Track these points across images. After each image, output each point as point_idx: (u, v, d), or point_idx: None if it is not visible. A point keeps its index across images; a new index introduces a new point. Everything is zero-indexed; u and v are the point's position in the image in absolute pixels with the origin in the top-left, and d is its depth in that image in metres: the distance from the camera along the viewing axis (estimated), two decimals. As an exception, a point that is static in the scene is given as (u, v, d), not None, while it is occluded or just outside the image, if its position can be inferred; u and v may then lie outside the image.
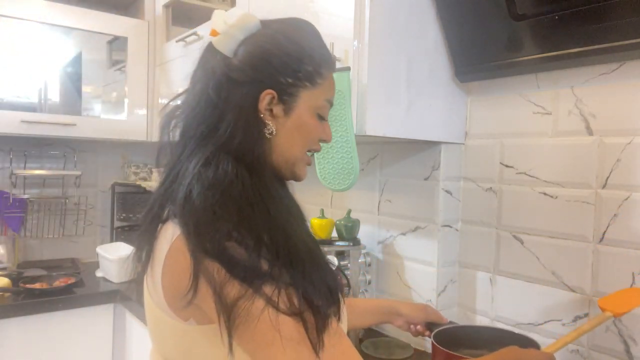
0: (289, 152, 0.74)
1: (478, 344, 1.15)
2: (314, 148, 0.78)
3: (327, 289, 0.64)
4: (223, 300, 0.59)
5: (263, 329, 0.59)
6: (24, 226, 2.17)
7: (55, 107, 2.12)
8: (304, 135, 0.75)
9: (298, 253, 0.63)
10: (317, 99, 0.75)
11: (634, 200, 1.03)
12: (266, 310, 0.58)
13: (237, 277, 0.59)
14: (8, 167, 2.13)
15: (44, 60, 2.07)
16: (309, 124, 0.75)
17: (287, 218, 0.67)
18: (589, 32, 1.02)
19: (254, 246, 0.60)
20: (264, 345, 0.59)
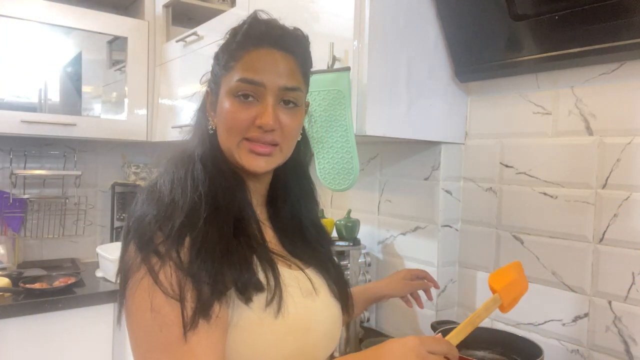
0: (223, 143, 0.74)
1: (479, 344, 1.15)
2: (249, 135, 0.72)
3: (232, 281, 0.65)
4: (123, 263, 0.66)
5: (140, 297, 0.62)
6: (24, 226, 2.17)
7: (55, 107, 2.12)
8: (226, 121, 0.73)
9: (211, 238, 0.65)
10: (230, 82, 0.72)
11: (634, 200, 1.03)
12: (146, 278, 0.62)
13: (136, 245, 0.64)
14: (8, 167, 2.13)
15: (44, 60, 2.07)
16: (226, 108, 0.72)
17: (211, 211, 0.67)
18: (589, 32, 1.02)
19: (161, 221, 0.64)
20: (135, 309, 0.63)
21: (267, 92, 0.72)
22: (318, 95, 1.14)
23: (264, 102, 0.72)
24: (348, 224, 1.46)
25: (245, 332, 0.66)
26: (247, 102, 0.72)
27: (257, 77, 0.71)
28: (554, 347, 1.16)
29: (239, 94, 0.71)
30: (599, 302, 1.09)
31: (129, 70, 2.18)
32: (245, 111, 0.71)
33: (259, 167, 0.73)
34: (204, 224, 0.65)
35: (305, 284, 0.75)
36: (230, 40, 0.75)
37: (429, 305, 1.38)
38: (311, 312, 0.73)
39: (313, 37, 1.26)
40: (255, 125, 0.71)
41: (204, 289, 0.62)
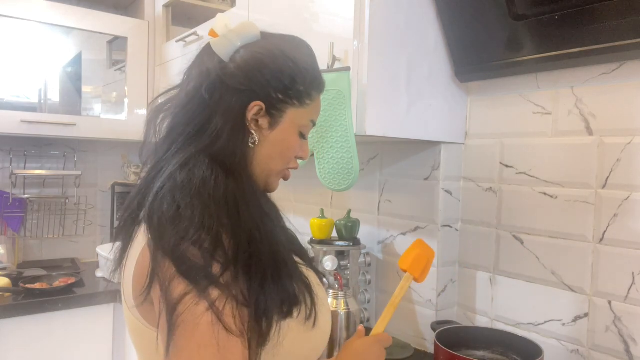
0: (267, 164, 0.77)
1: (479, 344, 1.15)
2: (291, 165, 0.80)
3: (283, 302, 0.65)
4: (168, 296, 0.58)
5: (202, 332, 0.57)
6: (24, 226, 2.17)
7: (55, 107, 2.12)
8: (283, 150, 0.77)
9: (261, 260, 0.63)
10: (303, 119, 0.78)
11: (634, 200, 1.03)
12: (208, 314, 0.57)
13: (184, 275, 0.58)
14: (8, 167, 2.13)
15: (44, 60, 2.06)
16: (290, 140, 0.77)
17: (258, 224, 0.66)
18: (589, 32, 1.02)
19: (209, 247, 0.59)
20: (198, 346, 0.57)
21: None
22: (318, 95, 1.14)
23: (306, 140, 0.82)
24: (348, 224, 1.46)
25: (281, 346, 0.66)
26: (304, 138, 0.80)
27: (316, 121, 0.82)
28: (554, 347, 1.16)
29: (305, 132, 0.79)
30: (599, 302, 1.09)
31: (129, 70, 2.18)
32: (302, 147, 0.80)
33: (276, 189, 0.82)
34: (249, 245, 0.63)
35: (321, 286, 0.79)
36: (310, 77, 0.78)
37: (429, 305, 1.38)
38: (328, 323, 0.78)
39: (313, 37, 1.26)
40: (297, 158, 0.80)
41: (262, 321, 0.62)
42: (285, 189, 1.98)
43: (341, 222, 1.47)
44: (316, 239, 1.48)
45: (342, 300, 1.29)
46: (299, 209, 1.91)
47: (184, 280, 0.58)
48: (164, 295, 0.59)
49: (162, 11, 2.19)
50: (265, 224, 0.68)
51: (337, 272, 1.40)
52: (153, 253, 0.62)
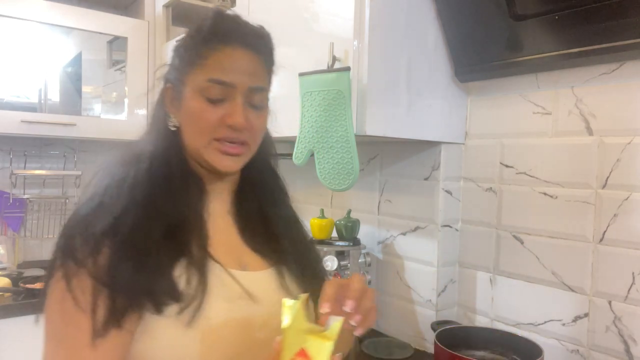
0: (190, 142, 0.73)
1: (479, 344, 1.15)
2: (217, 135, 0.71)
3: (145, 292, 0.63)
4: (50, 262, 0.66)
5: (53, 297, 0.64)
6: (24, 226, 2.17)
7: (55, 107, 2.12)
8: (194, 120, 0.71)
9: (128, 248, 0.64)
10: (199, 81, 0.70)
11: (634, 200, 1.03)
12: (58, 285, 0.63)
13: (59, 245, 0.65)
14: (8, 167, 2.13)
15: (44, 60, 2.06)
16: (195, 108, 0.70)
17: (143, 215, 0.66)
18: (589, 32, 1.02)
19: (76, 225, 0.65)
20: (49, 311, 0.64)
21: (236, 93, 0.70)
22: (318, 95, 1.14)
23: (233, 102, 0.70)
24: (348, 224, 1.46)
25: (159, 341, 0.64)
26: (215, 101, 0.70)
27: (228, 78, 0.70)
28: (554, 347, 1.16)
29: (209, 95, 0.70)
30: (599, 302, 1.09)
31: (129, 70, 2.18)
32: (215, 111, 0.70)
33: (229, 167, 0.73)
34: (130, 230, 0.64)
35: (235, 288, 0.70)
36: (195, 36, 0.72)
37: (429, 305, 1.38)
38: (241, 317, 0.70)
39: (313, 37, 1.27)
40: (224, 125, 0.70)
41: (118, 299, 0.62)
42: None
43: (341, 222, 1.47)
44: (316, 239, 1.48)
45: (342, 300, 1.29)
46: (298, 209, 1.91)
47: (54, 254, 0.65)
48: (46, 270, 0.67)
49: (162, 11, 2.19)
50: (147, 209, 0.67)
51: (337, 272, 1.40)
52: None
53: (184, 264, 0.67)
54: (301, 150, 1.19)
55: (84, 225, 0.65)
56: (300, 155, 1.20)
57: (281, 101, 1.39)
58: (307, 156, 1.19)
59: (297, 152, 1.20)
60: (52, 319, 0.64)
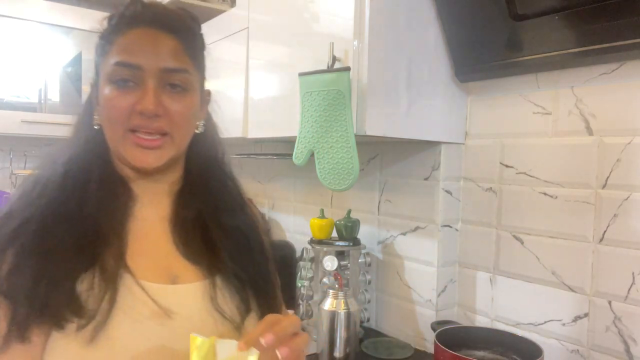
0: (108, 138, 0.67)
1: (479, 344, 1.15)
2: (131, 124, 0.65)
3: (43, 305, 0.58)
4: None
5: None
6: (24, 226, 2.16)
7: (55, 107, 2.12)
8: (107, 111, 0.66)
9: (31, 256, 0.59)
10: (106, 68, 0.65)
11: (634, 200, 1.03)
12: None
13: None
14: (8, 167, 2.13)
15: (44, 60, 2.06)
16: (105, 98, 0.65)
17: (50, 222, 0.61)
18: (589, 32, 1.02)
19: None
20: None
21: (146, 75, 0.65)
22: (318, 95, 1.14)
23: (143, 86, 0.65)
24: (348, 224, 1.46)
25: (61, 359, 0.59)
26: (126, 87, 0.65)
27: (133, 59, 0.64)
28: (554, 347, 1.16)
29: (116, 79, 0.65)
30: (599, 302, 1.09)
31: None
32: (124, 97, 0.64)
33: (148, 163, 0.66)
34: (33, 237, 0.59)
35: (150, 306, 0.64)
36: (107, 26, 0.69)
37: (429, 305, 1.38)
38: (153, 339, 0.63)
39: (313, 37, 1.27)
40: (136, 112, 0.64)
41: (19, 309, 0.57)
42: (286, 188, 1.98)
43: (341, 222, 1.47)
44: (316, 239, 1.48)
45: (342, 300, 1.29)
46: (299, 209, 1.91)
47: None
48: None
49: (162, 11, 2.18)
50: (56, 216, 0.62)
51: (337, 272, 1.40)
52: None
53: (92, 276, 0.61)
54: (301, 150, 1.19)
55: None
56: (300, 155, 1.20)
57: (281, 101, 1.40)
58: (307, 156, 1.19)
59: (297, 152, 1.20)
60: None
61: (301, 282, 1.47)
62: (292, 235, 1.94)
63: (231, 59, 1.56)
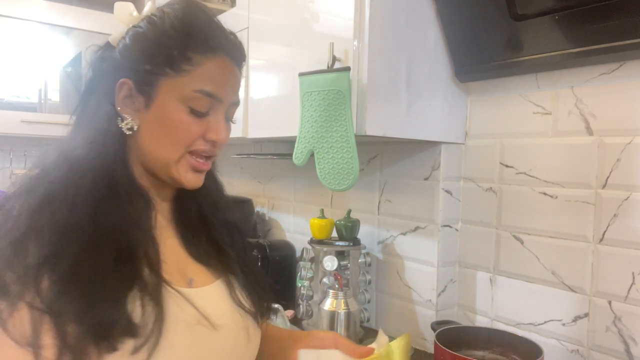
0: (155, 152, 0.65)
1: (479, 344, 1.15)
2: (196, 148, 0.65)
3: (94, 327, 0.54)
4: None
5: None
6: (24, 226, 2.16)
7: (55, 107, 2.12)
8: (169, 132, 0.64)
9: (75, 277, 0.54)
10: (184, 89, 0.63)
11: (634, 200, 1.03)
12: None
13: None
14: (8, 167, 2.13)
15: (44, 60, 2.07)
16: (174, 119, 0.64)
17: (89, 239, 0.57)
18: (589, 32, 1.02)
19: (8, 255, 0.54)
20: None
21: (221, 107, 0.67)
22: (318, 95, 1.14)
23: (216, 116, 0.66)
24: (348, 224, 1.46)
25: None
26: (200, 114, 0.65)
27: (218, 92, 0.65)
28: (554, 347, 1.16)
29: (197, 107, 0.64)
30: (599, 302, 1.09)
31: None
32: (199, 124, 0.65)
33: (196, 183, 0.68)
34: (74, 259, 0.55)
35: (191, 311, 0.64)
36: (175, 35, 0.63)
37: (429, 305, 1.38)
38: (200, 340, 0.64)
39: (313, 37, 1.27)
40: (205, 139, 0.66)
41: (69, 334, 0.52)
42: (286, 189, 1.98)
43: (341, 222, 1.47)
44: (316, 239, 1.48)
45: (342, 300, 1.29)
46: (299, 209, 1.91)
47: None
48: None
49: (162, 11, 2.18)
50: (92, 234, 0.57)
51: (337, 272, 1.40)
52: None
53: (137, 293, 0.58)
54: (301, 150, 1.19)
55: (12, 256, 0.54)
56: (300, 155, 1.20)
57: (281, 101, 1.40)
58: (307, 156, 1.19)
59: (297, 152, 1.20)
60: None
61: (301, 282, 1.47)
62: (292, 235, 1.94)
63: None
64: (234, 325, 0.69)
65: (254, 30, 1.51)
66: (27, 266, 0.54)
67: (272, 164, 2.05)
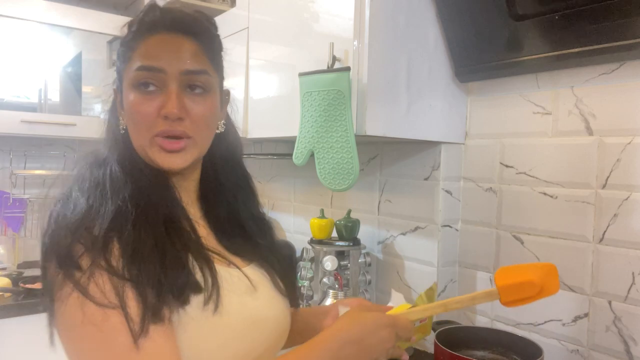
0: (136, 143, 0.70)
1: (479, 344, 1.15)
2: (157, 130, 0.67)
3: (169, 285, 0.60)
4: (45, 285, 0.62)
5: (70, 314, 0.58)
6: (24, 226, 2.16)
7: (55, 107, 2.12)
8: (133, 117, 0.68)
9: (139, 244, 0.61)
10: (129, 73, 0.68)
11: (634, 200, 1.03)
12: (73, 294, 0.58)
13: (54, 260, 0.60)
14: (8, 167, 2.13)
15: (44, 60, 2.06)
16: (129, 103, 0.68)
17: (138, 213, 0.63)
18: (589, 32, 1.02)
19: (74, 233, 0.60)
20: (70, 329, 0.59)
21: (168, 78, 0.67)
22: (318, 95, 1.14)
23: (166, 89, 0.67)
24: (348, 224, 1.46)
25: (184, 334, 0.61)
26: (149, 92, 0.67)
27: (154, 62, 0.67)
28: (554, 347, 1.16)
29: (139, 83, 0.67)
30: (599, 302, 1.09)
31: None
32: (149, 102, 0.67)
33: (175, 164, 0.69)
34: (132, 228, 0.61)
35: (244, 281, 0.71)
36: (127, 32, 0.70)
37: (429, 305, 1.38)
38: (252, 310, 0.70)
39: (313, 37, 1.27)
40: (161, 117, 0.67)
41: (147, 293, 0.58)
42: (286, 189, 1.98)
43: (341, 222, 1.47)
44: (316, 239, 1.48)
45: (342, 300, 1.29)
46: (299, 209, 1.91)
47: (53, 266, 0.60)
48: (42, 281, 0.63)
49: (162, 11, 2.18)
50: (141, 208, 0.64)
51: (337, 272, 1.40)
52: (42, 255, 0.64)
53: (191, 260, 0.65)
54: (301, 150, 1.19)
55: (77, 232, 0.60)
56: (300, 155, 1.20)
57: (281, 101, 1.40)
58: (307, 156, 1.19)
59: (297, 152, 1.20)
60: (77, 334, 0.58)
61: (301, 282, 1.47)
62: (292, 235, 1.94)
63: (231, 59, 1.56)
64: (275, 300, 0.76)
65: (254, 30, 1.51)
66: (94, 238, 0.59)
67: (272, 164, 2.05)
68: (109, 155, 0.70)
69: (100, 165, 0.68)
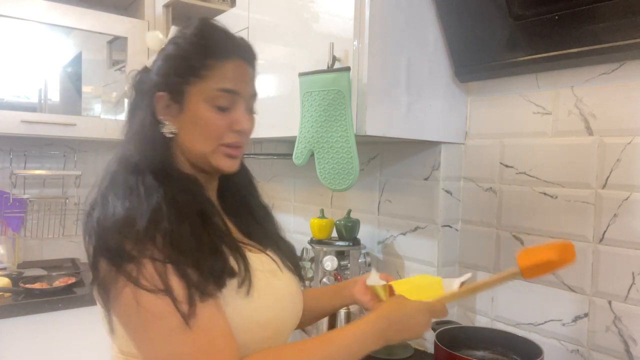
0: (194, 148, 0.78)
1: (479, 344, 1.15)
2: (225, 141, 0.78)
3: (208, 270, 0.67)
4: (99, 282, 0.68)
5: (126, 304, 0.65)
6: (24, 226, 2.16)
7: (55, 107, 2.12)
8: (202, 129, 0.77)
9: (178, 234, 0.67)
10: (207, 91, 0.77)
11: (634, 200, 1.03)
12: (127, 287, 0.64)
13: (105, 258, 0.67)
14: (8, 167, 2.13)
15: (44, 60, 2.06)
16: (204, 117, 0.77)
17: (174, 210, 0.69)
18: (589, 32, 1.02)
19: (121, 227, 0.67)
20: (128, 317, 0.67)
21: (240, 100, 0.79)
22: (318, 95, 1.14)
23: (238, 109, 0.79)
24: (348, 224, 1.46)
25: (231, 320, 0.69)
26: (224, 109, 0.78)
27: (234, 87, 0.78)
28: (554, 347, 1.16)
29: (219, 104, 0.77)
30: (599, 302, 1.09)
31: (129, 70, 2.17)
32: (223, 119, 0.78)
33: (233, 168, 0.81)
34: (169, 222, 0.68)
35: (270, 265, 0.80)
36: (190, 49, 0.77)
37: (429, 305, 1.38)
38: (278, 290, 0.79)
39: (313, 37, 1.27)
40: (232, 131, 0.78)
41: (190, 274, 0.65)
42: (286, 188, 1.98)
43: (341, 222, 1.47)
44: (316, 239, 1.48)
45: (342, 300, 1.28)
46: (299, 209, 1.91)
47: (105, 263, 0.67)
48: (94, 279, 0.69)
49: (162, 11, 2.19)
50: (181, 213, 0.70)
51: (337, 272, 1.40)
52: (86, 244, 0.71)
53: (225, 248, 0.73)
54: (301, 150, 1.19)
55: (123, 229, 0.67)
56: (300, 155, 1.20)
57: (281, 101, 1.40)
58: (307, 156, 1.19)
59: (297, 152, 1.20)
60: (136, 322, 0.65)
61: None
62: (292, 235, 1.94)
63: (231, 59, 1.56)
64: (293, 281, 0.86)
65: (254, 30, 1.51)
66: (138, 232, 0.66)
67: (272, 164, 2.05)
68: (142, 158, 0.75)
69: (132, 171, 0.74)
